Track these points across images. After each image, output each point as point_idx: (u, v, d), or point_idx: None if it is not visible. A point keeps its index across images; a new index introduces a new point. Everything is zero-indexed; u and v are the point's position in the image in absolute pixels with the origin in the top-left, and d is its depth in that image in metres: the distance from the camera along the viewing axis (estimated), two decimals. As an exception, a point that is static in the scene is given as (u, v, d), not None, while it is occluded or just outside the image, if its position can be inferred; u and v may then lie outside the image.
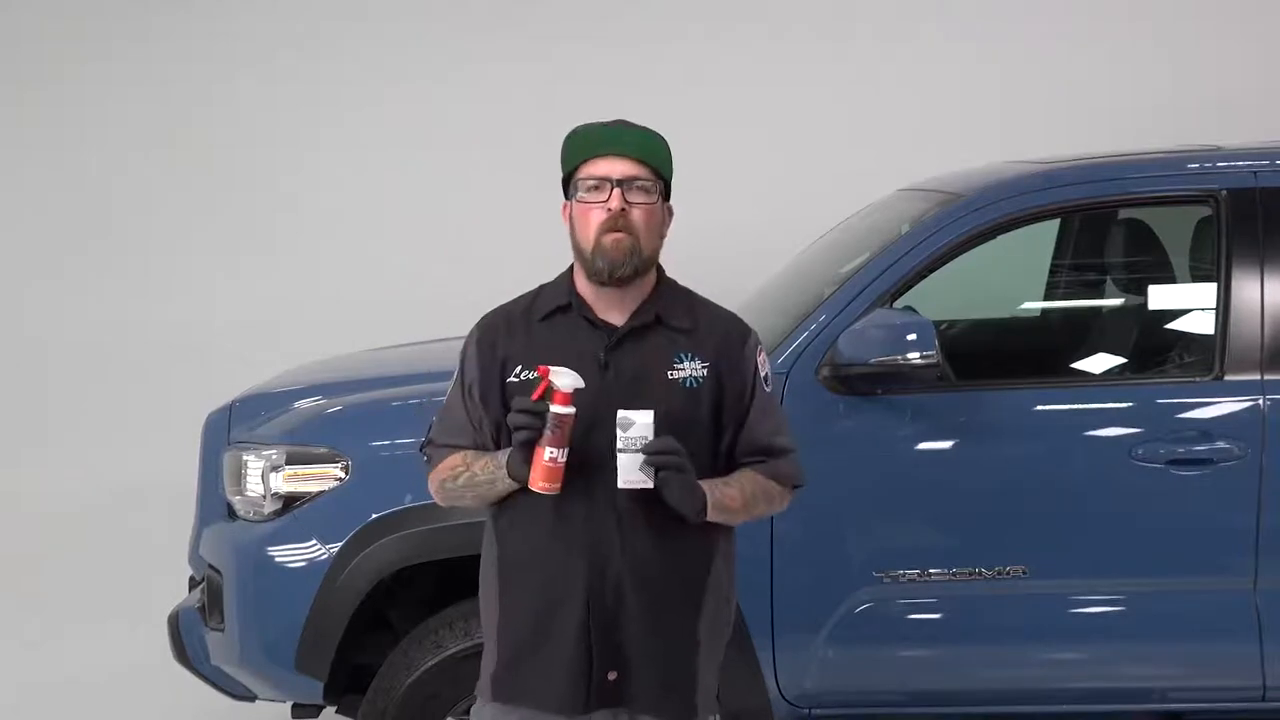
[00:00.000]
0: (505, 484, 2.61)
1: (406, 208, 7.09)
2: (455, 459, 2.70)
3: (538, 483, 2.53)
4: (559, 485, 2.53)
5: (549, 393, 2.52)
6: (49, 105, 7.37)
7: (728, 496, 2.63)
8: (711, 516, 2.61)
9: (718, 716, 2.82)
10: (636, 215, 2.60)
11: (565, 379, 2.52)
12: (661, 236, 2.69)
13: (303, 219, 7.19)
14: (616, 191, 2.59)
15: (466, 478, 2.66)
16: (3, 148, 7.42)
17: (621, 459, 2.52)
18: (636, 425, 2.52)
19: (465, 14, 7.13)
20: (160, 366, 7.08)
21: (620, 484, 2.53)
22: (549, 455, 2.51)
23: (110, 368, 7.18)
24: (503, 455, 2.62)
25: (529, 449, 2.53)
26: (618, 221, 2.58)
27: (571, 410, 2.50)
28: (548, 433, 2.50)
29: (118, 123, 7.31)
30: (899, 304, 3.70)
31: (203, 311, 7.17)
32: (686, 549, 2.66)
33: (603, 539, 2.60)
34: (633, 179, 2.60)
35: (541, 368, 2.55)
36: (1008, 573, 3.64)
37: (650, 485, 2.52)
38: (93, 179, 7.34)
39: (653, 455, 2.50)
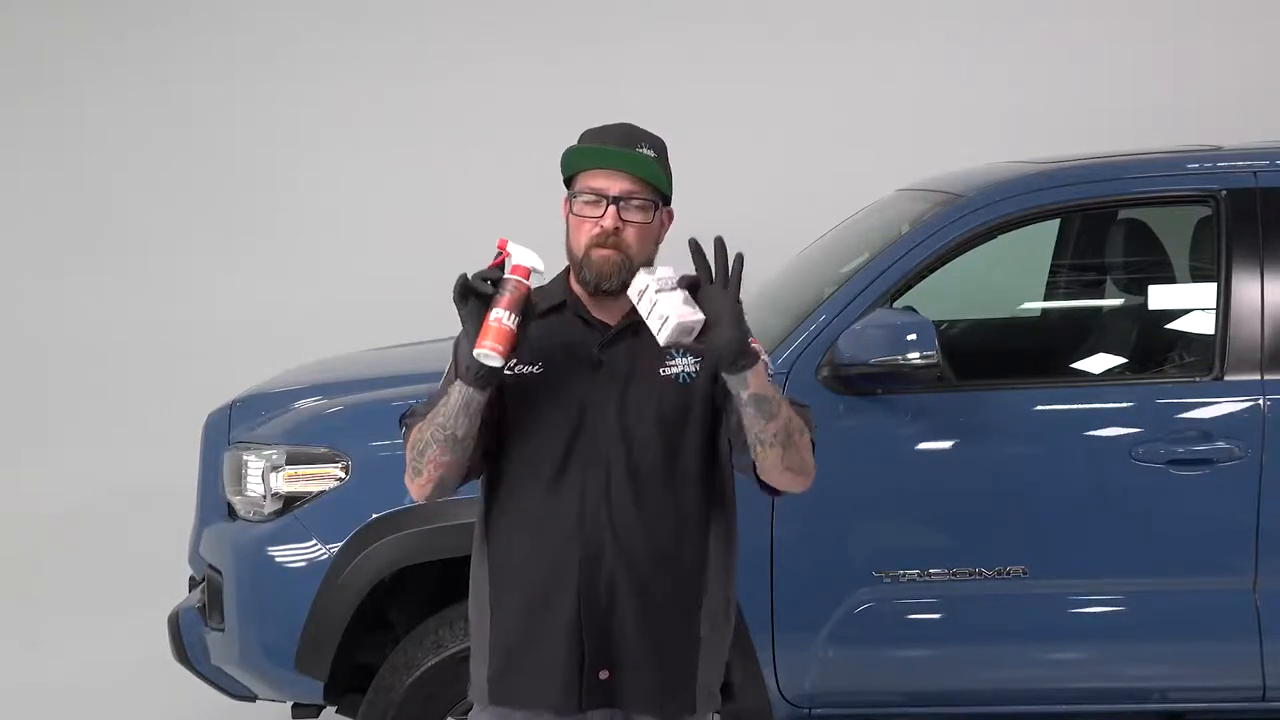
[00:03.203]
0: (458, 390, 2.50)
1: (407, 207, 7.10)
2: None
3: (483, 342, 2.42)
4: (503, 350, 2.42)
5: (505, 267, 2.47)
6: (49, 105, 7.38)
7: (771, 384, 2.50)
8: (757, 381, 2.45)
9: (718, 716, 2.82)
10: (630, 233, 2.57)
11: (524, 254, 2.47)
12: (657, 243, 2.67)
13: (303, 219, 7.20)
14: (612, 210, 2.56)
15: (431, 415, 2.56)
16: (3, 148, 7.42)
17: (663, 301, 2.37)
18: (660, 270, 2.43)
19: (466, 14, 7.14)
20: (160, 366, 7.09)
21: (674, 326, 2.36)
22: (495, 315, 2.43)
23: (110, 368, 7.19)
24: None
25: (478, 311, 2.44)
26: (609, 238, 2.57)
27: (527, 281, 2.45)
28: (499, 294, 2.44)
29: (118, 123, 7.31)
30: (899, 304, 3.70)
31: (203, 311, 7.18)
32: (682, 546, 2.65)
33: (595, 536, 2.59)
34: (630, 196, 2.58)
35: (501, 240, 2.50)
36: (1008, 573, 3.63)
37: (703, 318, 2.38)
38: (93, 179, 7.34)
39: (704, 268, 2.38)
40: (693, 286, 2.43)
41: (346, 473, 3.70)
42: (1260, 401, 3.62)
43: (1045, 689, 3.74)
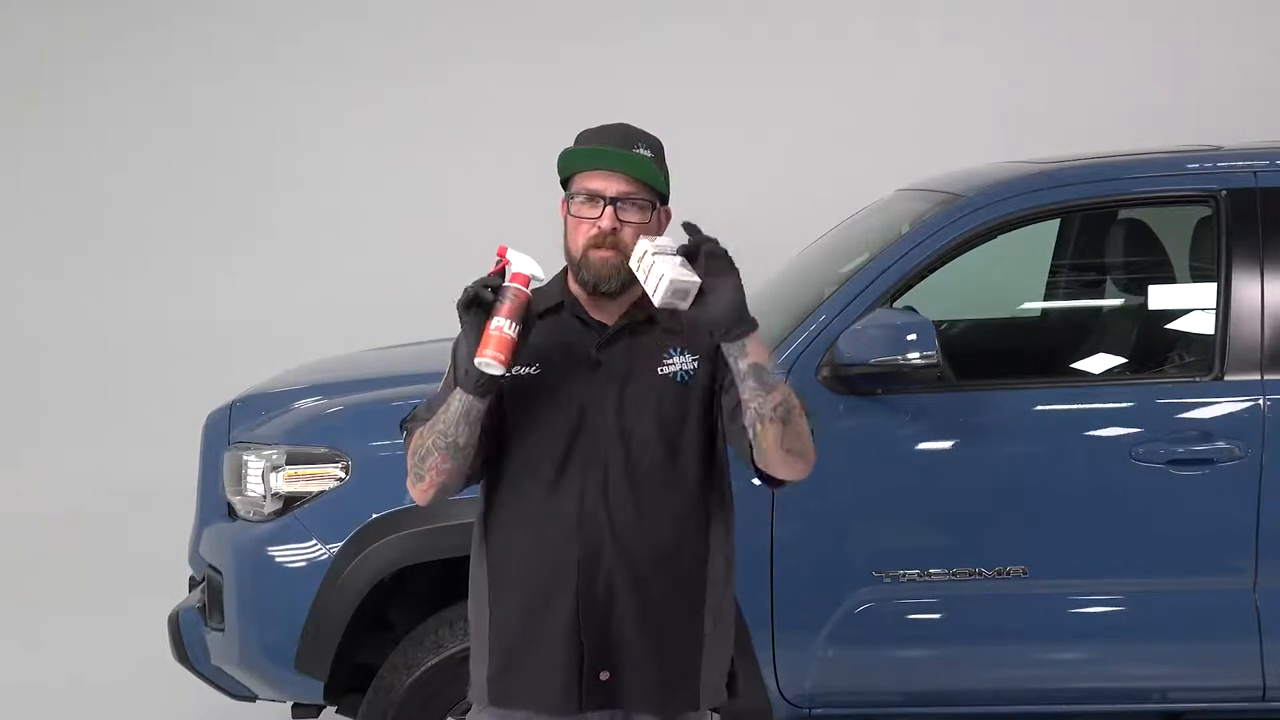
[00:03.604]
0: (459, 398, 2.51)
1: (406, 207, 7.10)
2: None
3: (484, 351, 2.42)
4: (504, 359, 2.43)
5: (505, 275, 2.48)
6: (49, 105, 7.38)
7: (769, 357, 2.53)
8: (755, 350, 2.48)
9: (716, 715, 2.82)
10: (628, 234, 2.57)
11: (524, 262, 2.48)
12: None
13: (302, 218, 7.20)
14: (609, 210, 2.57)
15: (429, 425, 2.58)
16: (2, 148, 7.42)
17: (659, 263, 2.39)
18: (659, 238, 2.47)
19: (466, 13, 7.14)
20: (160, 366, 7.09)
21: (669, 289, 2.38)
22: (496, 324, 2.43)
23: (110, 368, 7.18)
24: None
25: (478, 320, 2.45)
26: (606, 239, 2.57)
27: (527, 290, 2.46)
28: (499, 303, 2.44)
29: (118, 123, 7.31)
30: (899, 304, 3.70)
31: (203, 311, 7.18)
32: (681, 546, 2.65)
33: (594, 537, 2.59)
34: (627, 196, 2.58)
35: (501, 247, 2.50)
36: (1008, 573, 3.64)
37: (698, 281, 2.40)
38: (93, 179, 7.34)
39: (702, 239, 2.41)
40: (691, 255, 2.45)
41: (346, 473, 3.71)
42: (1260, 401, 3.62)
43: (1045, 689, 3.74)
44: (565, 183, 2.66)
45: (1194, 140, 4.34)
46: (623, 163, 2.58)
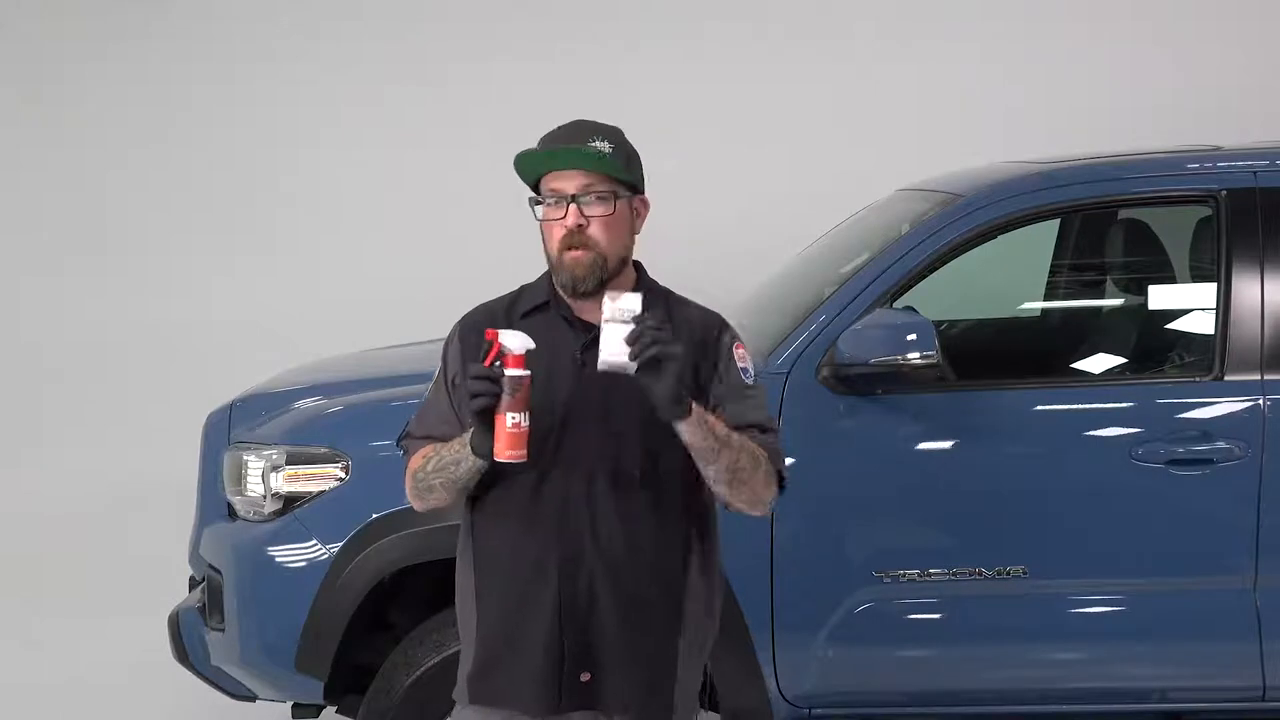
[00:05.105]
0: (470, 462, 2.55)
1: (405, 207, 7.10)
2: (428, 448, 2.68)
3: (504, 452, 2.43)
4: (524, 452, 2.44)
5: (501, 358, 2.45)
6: (49, 105, 7.37)
7: (714, 422, 2.54)
8: (690, 432, 2.49)
9: (716, 716, 2.82)
10: (595, 228, 2.57)
11: (514, 340, 2.45)
12: (633, 234, 2.66)
13: (302, 218, 7.19)
14: (572, 208, 2.57)
15: (435, 462, 2.62)
16: (2, 148, 7.42)
17: (606, 331, 2.40)
18: (625, 298, 2.43)
19: (464, 13, 7.14)
20: (160, 366, 7.09)
21: (601, 363, 2.41)
22: (511, 421, 2.42)
23: (109, 368, 7.18)
24: (469, 435, 2.57)
25: (488, 419, 2.45)
26: (575, 238, 2.57)
27: (527, 373, 2.43)
28: (506, 397, 2.42)
29: (117, 123, 7.31)
30: (899, 304, 3.70)
31: (202, 311, 7.17)
32: (663, 550, 2.64)
33: (576, 539, 2.59)
34: (587, 190, 2.58)
35: (489, 331, 2.49)
36: (1008, 573, 3.64)
37: (633, 365, 2.41)
38: (92, 178, 7.34)
39: (644, 329, 2.39)
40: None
41: (346, 473, 3.71)
42: (1260, 401, 3.62)
43: (1045, 689, 3.74)
44: (536, 189, 2.67)
45: (1194, 140, 4.34)
46: (573, 158, 2.58)
